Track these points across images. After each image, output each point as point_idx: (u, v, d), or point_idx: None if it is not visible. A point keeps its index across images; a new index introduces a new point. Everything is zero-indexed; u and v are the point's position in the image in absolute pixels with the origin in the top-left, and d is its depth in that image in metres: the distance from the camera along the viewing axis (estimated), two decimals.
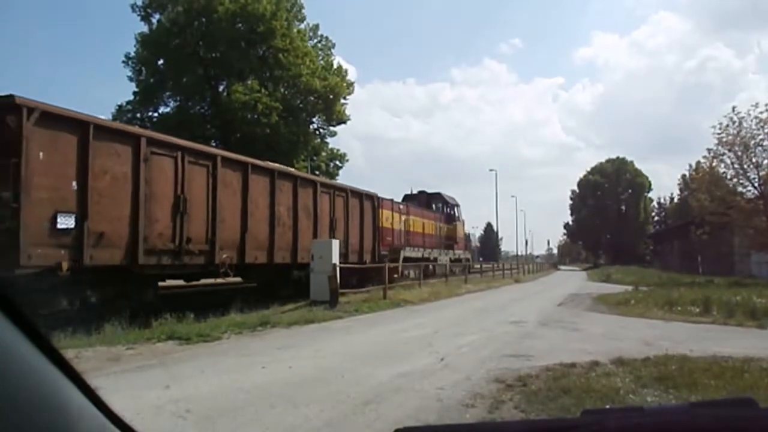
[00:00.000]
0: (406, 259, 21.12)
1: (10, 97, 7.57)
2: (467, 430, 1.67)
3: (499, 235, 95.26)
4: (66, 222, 8.05)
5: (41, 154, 7.78)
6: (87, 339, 7.42)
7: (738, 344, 7.34)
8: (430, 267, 23.66)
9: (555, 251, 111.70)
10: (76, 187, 8.31)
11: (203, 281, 12.65)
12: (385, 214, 19.92)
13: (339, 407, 4.53)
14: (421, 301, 15.11)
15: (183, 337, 7.88)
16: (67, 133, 8.22)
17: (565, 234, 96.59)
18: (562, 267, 74.09)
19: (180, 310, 9.23)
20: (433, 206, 27.41)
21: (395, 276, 17.96)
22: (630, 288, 19.86)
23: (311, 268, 13.47)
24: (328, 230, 15.42)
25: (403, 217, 22.06)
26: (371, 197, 18.57)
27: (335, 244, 13.75)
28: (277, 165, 14.44)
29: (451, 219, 28.76)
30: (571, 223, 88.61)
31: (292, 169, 15.36)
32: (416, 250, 22.74)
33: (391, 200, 21.30)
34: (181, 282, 12.34)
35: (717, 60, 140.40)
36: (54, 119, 8.05)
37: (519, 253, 66.82)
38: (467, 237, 37.51)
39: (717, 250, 29.72)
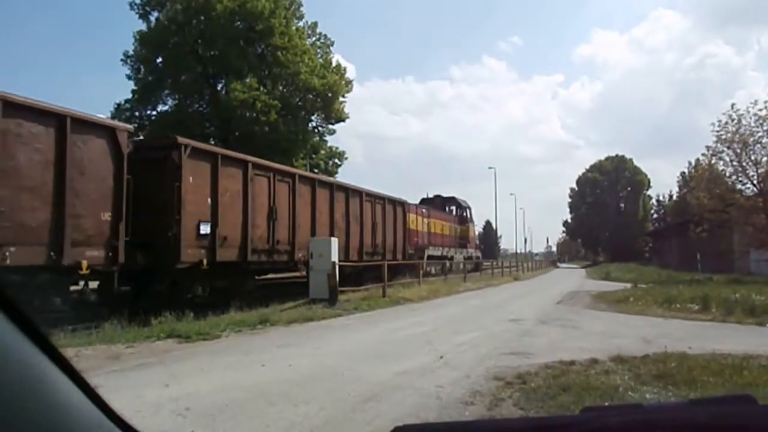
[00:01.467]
0: (429, 257, 23.91)
1: (174, 138, 10.66)
2: (466, 428, 1.67)
3: (499, 233, 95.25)
4: (205, 229, 10.74)
5: (191, 178, 10.49)
6: (87, 337, 7.43)
7: (737, 341, 7.36)
8: (448, 264, 26.00)
9: (554, 249, 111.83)
10: (210, 203, 11.00)
11: (270, 275, 15.37)
12: (412, 217, 22.47)
13: (338, 405, 4.53)
14: (421, 299, 15.12)
15: (182, 336, 7.88)
16: (204, 162, 11.03)
17: (564, 232, 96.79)
18: (561, 265, 74.18)
19: (271, 297, 11.92)
20: (447, 209, 30.02)
21: (420, 272, 20.11)
22: (629, 285, 19.87)
23: (310, 266, 13.49)
24: (371, 233, 18.12)
25: (426, 220, 24.72)
26: (402, 204, 21.35)
27: (334, 243, 13.76)
28: (334, 179, 17.20)
29: (464, 221, 31.57)
30: (570, 220, 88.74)
31: (344, 182, 18.00)
32: (437, 249, 25.68)
33: (416, 205, 24.12)
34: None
35: (716, 57, 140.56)
36: (197, 152, 10.91)
37: (518, 251, 66.89)
38: (478, 236, 40.61)
39: (716, 247, 29.72)
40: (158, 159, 10.29)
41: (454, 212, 30.67)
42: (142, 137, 10.77)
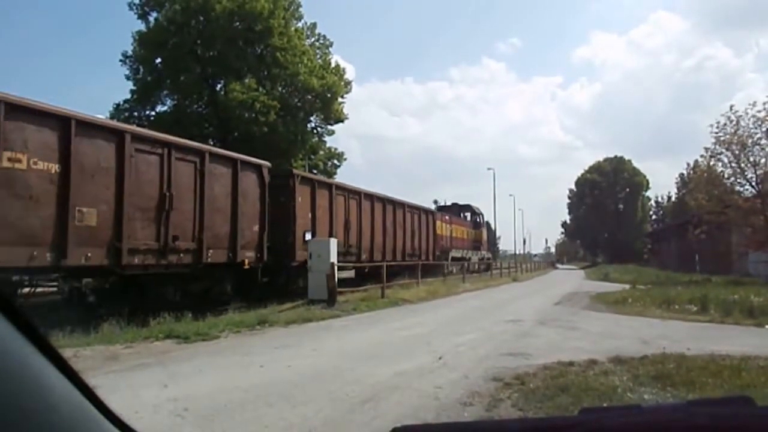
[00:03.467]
0: (452, 259, 27.18)
1: (290, 170, 15.91)
2: (465, 429, 1.67)
3: (497, 234, 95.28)
4: (308, 236, 14.10)
5: (299, 199, 14.07)
6: (85, 338, 7.42)
7: (735, 343, 7.36)
8: (466, 264, 28.43)
9: (553, 250, 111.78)
10: (310, 216, 14.55)
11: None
12: (439, 224, 25.93)
13: (337, 406, 4.53)
14: (419, 300, 15.12)
15: (181, 336, 7.87)
16: (306, 186, 14.68)
17: (563, 233, 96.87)
18: (560, 266, 74.16)
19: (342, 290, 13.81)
20: (462, 215, 33.29)
21: (444, 271, 23.46)
22: (627, 287, 19.90)
23: (309, 266, 13.48)
24: (411, 238, 21.68)
25: (449, 226, 28.34)
26: (432, 212, 25.58)
27: (333, 243, 13.76)
28: (385, 195, 20.14)
29: (478, 226, 35.22)
30: (569, 221, 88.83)
31: (391, 196, 20.89)
32: (458, 251, 29.20)
33: (441, 213, 28.00)
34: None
35: (715, 59, 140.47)
36: (304, 179, 14.76)
37: (517, 252, 66.83)
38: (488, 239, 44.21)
39: (714, 249, 29.75)
40: (281, 185, 13.74)
41: (468, 218, 34.00)
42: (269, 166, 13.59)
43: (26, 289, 9.04)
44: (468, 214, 34.35)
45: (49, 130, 8.03)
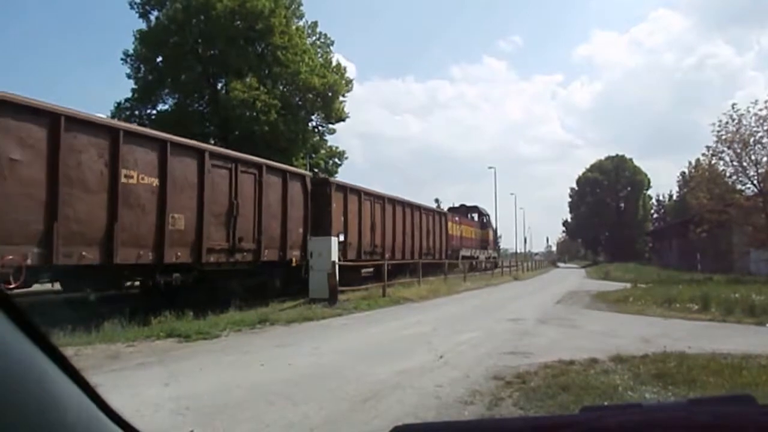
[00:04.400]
0: (462, 257, 28.66)
1: (327, 178, 17.24)
2: (466, 427, 1.67)
3: (498, 233, 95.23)
4: (341, 238, 14.84)
5: (334, 205, 15.38)
6: (86, 336, 7.43)
7: (736, 341, 7.36)
8: (474, 262, 30.77)
9: (554, 249, 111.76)
10: (342, 219, 15.84)
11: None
12: (450, 225, 27.63)
13: (338, 404, 4.53)
14: (420, 299, 15.13)
15: (182, 335, 7.89)
16: (340, 192, 16.02)
17: (564, 231, 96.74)
18: (561, 264, 74.13)
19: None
20: (470, 216, 34.90)
21: (455, 269, 25.10)
22: (629, 285, 19.88)
23: (310, 265, 13.49)
24: (426, 238, 23.34)
25: (459, 227, 30.05)
26: (444, 214, 27.46)
27: (334, 242, 13.76)
28: (405, 199, 21.78)
29: (485, 226, 37.16)
30: (570, 220, 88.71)
31: (410, 200, 22.64)
32: (467, 250, 30.98)
33: (451, 214, 29.59)
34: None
35: (716, 57, 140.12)
36: (338, 187, 16.21)
37: (518, 251, 66.82)
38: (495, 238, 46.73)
39: (716, 247, 29.72)
40: (320, 192, 15.12)
41: (476, 218, 35.83)
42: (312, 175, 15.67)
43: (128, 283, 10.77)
44: (475, 215, 36.17)
45: (151, 150, 9.74)
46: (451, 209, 33.06)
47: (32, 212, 7.71)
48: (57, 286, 9.52)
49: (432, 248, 23.93)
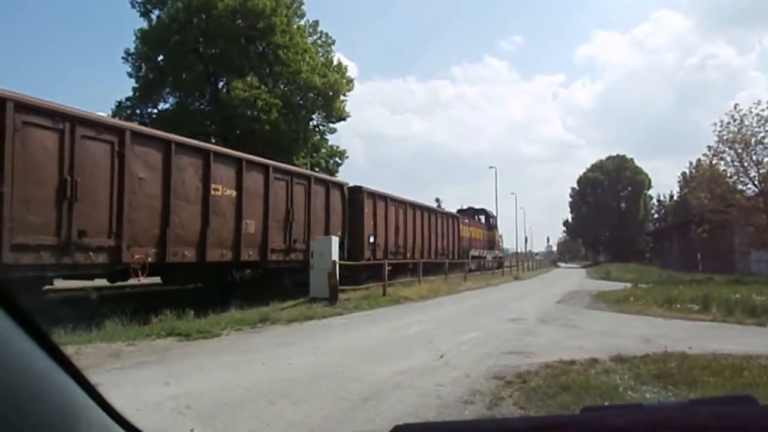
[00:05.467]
0: (472, 257, 30.52)
1: (360, 187, 17.40)
2: (466, 427, 1.67)
3: (499, 232, 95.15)
4: (372, 240, 17.49)
5: (366, 210, 17.23)
6: (87, 335, 7.43)
7: (737, 342, 7.35)
8: (482, 262, 32.84)
9: (554, 248, 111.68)
10: (372, 223, 17.66)
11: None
12: (461, 227, 29.47)
13: (338, 404, 4.53)
14: (421, 299, 15.12)
15: (183, 334, 7.88)
16: (370, 199, 17.82)
17: (564, 231, 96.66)
18: (562, 264, 74.09)
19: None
20: (477, 218, 36.64)
21: (464, 268, 26.02)
22: (629, 285, 19.85)
23: (311, 264, 13.48)
24: (441, 239, 25.27)
25: (468, 228, 31.75)
26: (456, 217, 29.45)
27: (335, 242, 13.75)
28: (424, 204, 24.31)
29: (491, 228, 39.04)
30: (570, 220, 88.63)
31: (428, 204, 25.03)
32: (476, 250, 33.02)
33: (462, 217, 31.22)
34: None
35: (718, 57, 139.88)
36: (369, 194, 17.76)
37: (519, 251, 66.77)
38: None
39: (717, 248, 29.67)
40: (354, 199, 16.89)
41: (483, 220, 37.70)
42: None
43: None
44: (483, 217, 38.22)
45: (231, 167, 11.74)
46: (459, 211, 34.09)
47: (152, 220, 9.63)
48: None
49: (446, 249, 25.84)
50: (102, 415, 0.92)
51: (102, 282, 10.27)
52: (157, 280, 12.00)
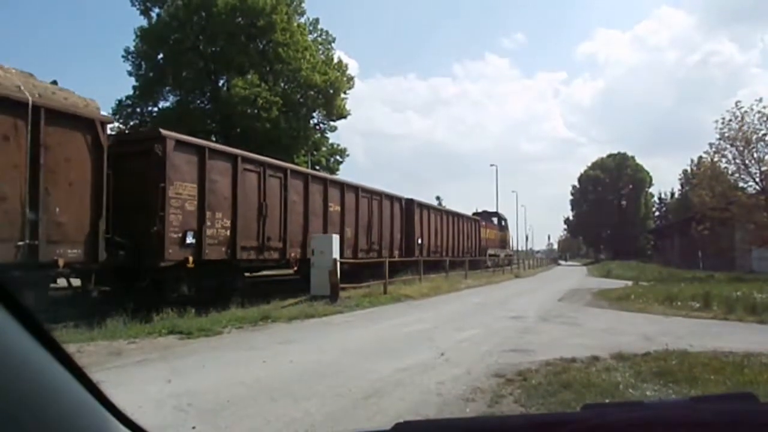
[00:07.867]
0: (489, 255, 34.93)
1: (413, 199, 21.63)
2: (467, 424, 1.67)
3: (510, 233, 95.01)
4: (420, 241, 21.24)
5: (416, 218, 21.49)
6: (89, 333, 7.44)
7: (738, 339, 7.36)
8: (496, 260, 36.14)
9: (555, 246, 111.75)
10: (419, 228, 21.69)
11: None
12: (481, 229, 33.80)
13: (340, 401, 4.54)
14: (422, 296, 15.11)
15: (184, 332, 7.89)
16: (419, 208, 21.91)
17: (565, 229, 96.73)
18: (563, 262, 74.12)
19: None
20: (491, 220, 39.99)
21: (483, 265, 30.36)
22: (630, 283, 19.87)
23: (312, 263, 13.47)
24: (466, 240, 29.49)
25: (486, 230, 36.00)
26: (477, 220, 33.45)
27: (335, 240, 13.73)
28: (448, 209, 29.25)
29: (504, 229, 43.07)
30: (571, 218, 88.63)
31: (454, 209, 29.37)
32: (491, 249, 37.12)
33: (481, 220, 35.02)
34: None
35: (720, 55, 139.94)
36: (418, 204, 21.94)
37: (519, 248, 66.79)
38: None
39: (718, 245, 29.68)
40: (408, 209, 20.95)
41: (496, 222, 41.38)
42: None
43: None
44: (496, 219, 42.02)
45: (338, 189, 16.06)
46: (475, 214, 37.32)
47: (298, 230, 13.87)
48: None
49: (470, 248, 30.16)
50: (104, 412, 0.92)
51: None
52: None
